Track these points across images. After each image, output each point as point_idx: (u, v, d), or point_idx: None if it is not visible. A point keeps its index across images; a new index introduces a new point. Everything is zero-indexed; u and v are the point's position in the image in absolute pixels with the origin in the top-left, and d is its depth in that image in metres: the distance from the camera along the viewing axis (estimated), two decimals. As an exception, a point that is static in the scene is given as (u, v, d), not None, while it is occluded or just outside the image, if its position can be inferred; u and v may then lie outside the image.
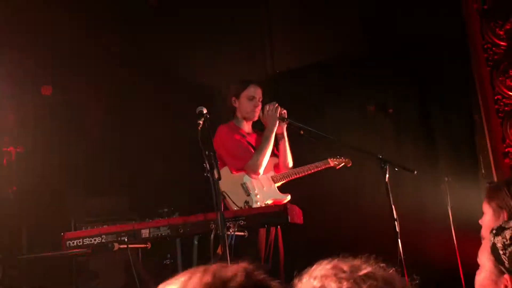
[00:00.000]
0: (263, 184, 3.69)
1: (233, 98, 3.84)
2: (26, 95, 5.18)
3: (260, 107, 3.82)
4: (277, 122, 3.72)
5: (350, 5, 5.00)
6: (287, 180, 3.83)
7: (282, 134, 3.84)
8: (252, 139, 3.87)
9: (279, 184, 3.81)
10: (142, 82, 5.21)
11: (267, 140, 3.68)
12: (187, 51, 5.18)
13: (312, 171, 3.90)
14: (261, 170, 3.65)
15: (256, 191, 3.62)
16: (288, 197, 3.78)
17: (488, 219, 2.38)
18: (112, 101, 5.27)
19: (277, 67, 5.42)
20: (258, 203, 3.60)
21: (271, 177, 3.79)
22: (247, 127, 3.89)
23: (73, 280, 4.17)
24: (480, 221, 2.50)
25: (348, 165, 4.05)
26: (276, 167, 3.87)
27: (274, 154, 3.88)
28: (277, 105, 3.75)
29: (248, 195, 3.60)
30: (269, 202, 3.69)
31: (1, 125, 5.07)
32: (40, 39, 5.07)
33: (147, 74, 5.21)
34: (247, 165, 3.63)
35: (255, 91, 3.83)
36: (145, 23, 5.27)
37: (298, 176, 3.85)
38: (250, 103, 3.80)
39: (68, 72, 5.21)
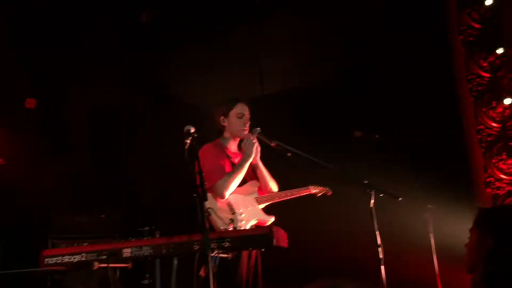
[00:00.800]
0: (248, 204, 3.68)
1: (222, 117, 3.84)
2: (9, 108, 5.12)
3: (248, 124, 3.83)
4: (253, 154, 3.72)
5: (337, 32, 5.10)
6: (270, 202, 3.83)
7: (256, 164, 3.86)
8: (236, 159, 3.86)
9: (263, 206, 3.80)
10: (131, 100, 5.19)
11: (241, 166, 3.66)
12: (179, 71, 5.20)
13: (294, 196, 3.92)
14: (227, 194, 3.57)
15: (241, 210, 3.60)
16: (272, 219, 3.78)
17: (473, 242, 2.39)
18: (99, 118, 5.24)
19: (266, 89, 5.47)
20: (243, 222, 3.57)
21: (255, 198, 3.78)
22: (234, 146, 3.89)
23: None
24: (465, 245, 2.51)
25: (328, 194, 4.09)
26: (259, 189, 3.87)
27: (257, 177, 3.89)
28: (254, 139, 3.76)
29: (233, 213, 3.57)
30: (254, 222, 3.68)
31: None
32: (25, 51, 5.04)
33: (136, 92, 5.21)
34: (215, 185, 3.57)
35: (244, 109, 3.85)
36: (138, 43, 5.28)
37: (280, 199, 3.86)
38: (239, 121, 3.80)
39: (54, 87, 5.18)
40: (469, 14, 5.13)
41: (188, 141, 3.04)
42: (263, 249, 3.33)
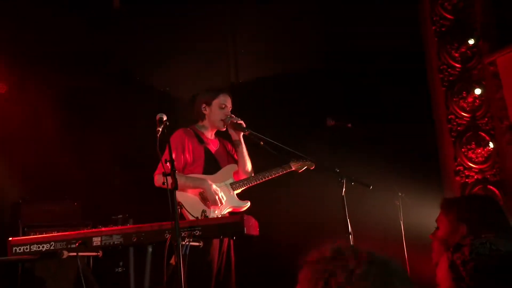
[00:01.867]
0: (222, 192, 3.67)
1: (204, 105, 3.82)
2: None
3: (229, 115, 3.80)
4: (211, 197, 3.58)
5: (312, 19, 5.10)
6: (247, 186, 3.80)
7: (240, 140, 3.83)
8: (213, 146, 3.85)
9: (238, 191, 3.79)
10: (103, 87, 5.11)
11: (195, 185, 3.59)
12: (150, 58, 5.13)
13: (274, 176, 3.84)
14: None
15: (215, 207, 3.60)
16: (248, 204, 3.77)
17: (443, 232, 2.37)
18: (70, 104, 5.14)
19: (240, 77, 5.45)
20: (216, 212, 3.57)
21: (230, 184, 3.76)
22: (210, 133, 3.88)
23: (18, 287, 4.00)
24: (430, 236, 2.53)
25: (311, 168, 3.93)
26: (235, 173, 3.85)
27: (233, 160, 3.87)
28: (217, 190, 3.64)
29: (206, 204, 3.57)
30: (228, 210, 3.68)
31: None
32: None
33: (108, 79, 5.12)
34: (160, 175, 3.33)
35: (227, 100, 3.83)
36: (109, 28, 5.18)
37: (258, 181, 3.81)
38: (221, 111, 3.79)
39: (25, 71, 5.06)
40: (442, 5, 5.19)
41: (160, 129, 3.02)
42: (234, 237, 3.35)
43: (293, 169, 3.92)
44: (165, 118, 3.04)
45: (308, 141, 4.43)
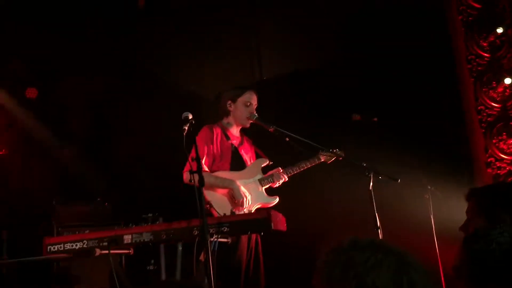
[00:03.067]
0: (250, 189, 3.68)
1: (229, 102, 3.85)
2: (10, 98, 5.15)
3: (254, 113, 3.82)
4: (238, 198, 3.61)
5: (336, 16, 5.06)
6: (276, 181, 3.80)
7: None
8: (238, 143, 3.88)
9: (267, 186, 3.79)
10: (130, 88, 5.20)
11: (221, 185, 3.62)
12: (175, 57, 5.19)
13: (303, 168, 3.83)
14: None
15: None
16: (276, 199, 3.77)
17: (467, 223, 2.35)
18: (99, 106, 5.25)
19: (265, 74, 5.45)
20: (245, 210, 3.58)
21: (259, 180, 3.77)
22: (235, 130, 3.90)
23: (53, 285, 4.12)
24: (459, 228, 2.49)
25: (340, 159, 3.87)
26: (264, 168, 3.86)
27: (258, 157, 3.89)
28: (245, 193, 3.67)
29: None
30: (257, 207, 3.69)
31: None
32: (25, 41, 5.05)
33: (135, 80, 5.21)
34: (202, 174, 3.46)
35: (252, 97, 3.85)
36: (134, 28, 5.27)
37: (288, 175, 3.81)
38: (246, 109, 3.82)
39: (54, 76, 5.19)
40: (469, -7, 5.07)
41: (186, 127, 3.07)
42: (261, 233, 3.37)
43: (322, 160, 3.88)
44: (190, 116, 3.08)
45: (334, 136, 4.39)
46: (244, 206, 3.59)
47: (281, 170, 3.81)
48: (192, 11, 5.19)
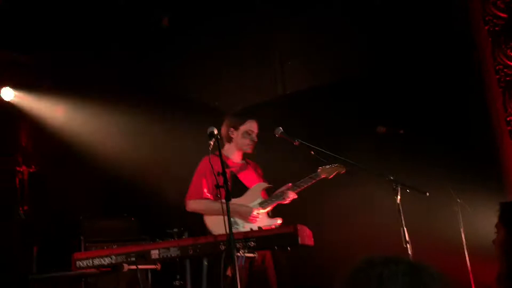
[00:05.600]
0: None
1: (231, 129, 3.92)
2: (41, 115, 5.27)
3: (256, 141, 3.87)
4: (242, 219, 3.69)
5: (358, 28, 5.05)
6: (276, 203, 3.76)
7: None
8: (238, 169, 3.88)
9: (269, 209, 3.76)
10: (155, 104, 5.27)
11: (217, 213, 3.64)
12: (199, 74, 5.25)
13: (302, 188, 3.76)
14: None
15: (244, 224, 3.61)
16: (279, 221, 3.73)
17: (501, 238, 2.33)
18: (126, 123, 5.33)
19: (287, 88, 5.46)
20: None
21: (259, 204, 3.74)
22: (236, 155, 3.93)
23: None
24: (493, 241, 2.45)
25: (342, 172, 3.80)
26: (264, 191, 3.84)
27: (262, 178, 3.90)
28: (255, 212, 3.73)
29: (236, 228, 3.55)
30: None
31: (15, 144, 5.14)
32: (54, 58, 5.18)
33: (160, 96, 5.28)
34: (188, 201, 3.79)
35: (253, 126, 3.93)
36: (158, 45, 5.36)
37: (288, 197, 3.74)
38: (248, 137, 3.87)
39: (81, 94, 5.30)
40: (495, 4, 5.01)
41: (212, 142, 3.09)
42: (288, 248, 3.34)
43: (323, 177, 3.79)
44: (215, 131, 3.11)
45: (360, 150, 4.36)
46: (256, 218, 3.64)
47: (290, 185, 3.77)
48: (215, 27, 5.25)
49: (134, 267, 3.11)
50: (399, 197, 3.40)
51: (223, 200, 2.85)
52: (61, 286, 4.17)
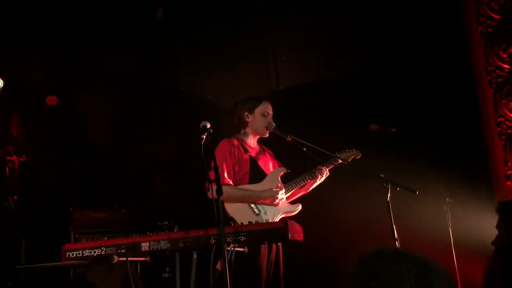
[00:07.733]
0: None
1: (246, 113, 3.86)
2: (31, 105, 5.24)
3: (272, 122, 3.83)
4: (269, 200, 3.65)
5: (352, 25, 5.06)
6: (295, 188, 3.78)
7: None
8: (256, 154, 3.88)
9: (288, 194, 3.79)
10: (148, 98, 5.26)
11: (250, 197, 3.63)
12: (192, 68, 5.24)
13: (323, 172, 3.79)
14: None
15: (265, 210, 3.62)
16: (299, 207, 3.76)
17: (502, 238, 2.32)
18: (117, 115, 5.32)
19: (281, 84, 5.47)
20: (269, 221, 3.57)
21: (285, 186, 3.74)
22: (253, 141, 3.91)
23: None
24: (492, 243, 2.45)
25: (357, 157, 3.89)
26: (282, 178, 3.85)
27: (278, 165, 3.89)
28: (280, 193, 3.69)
29: (258, 214, 3.58)
30: (281, 216, 3.67)
31: (5, 134, 5.11)
32: (45, 50, 5.15)
33: (153, 90, 5.26)
34: (224, 188, 3.33)
35: (269, 107, 3.86)
36: (153, 39, 5.34)
37: (306, 181, 3.78)
38: (264, 119, 3.82)
39: (74, 84, 5.27)
40: (489, 5, 5.04)
41: (204, 136, 3.07)
42: (278, 243, 3.35)
43: (340, 162, 3.83)
44: (208, 125, 3.09)
45: (351, 147, 4.38)
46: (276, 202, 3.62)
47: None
48: (210, 22, 5.24)
49: (124, 259, 3.10)
50: (389, 195, 3.42)
51: (227, 186, 2.83)
52: (50, 277, 4.16)
